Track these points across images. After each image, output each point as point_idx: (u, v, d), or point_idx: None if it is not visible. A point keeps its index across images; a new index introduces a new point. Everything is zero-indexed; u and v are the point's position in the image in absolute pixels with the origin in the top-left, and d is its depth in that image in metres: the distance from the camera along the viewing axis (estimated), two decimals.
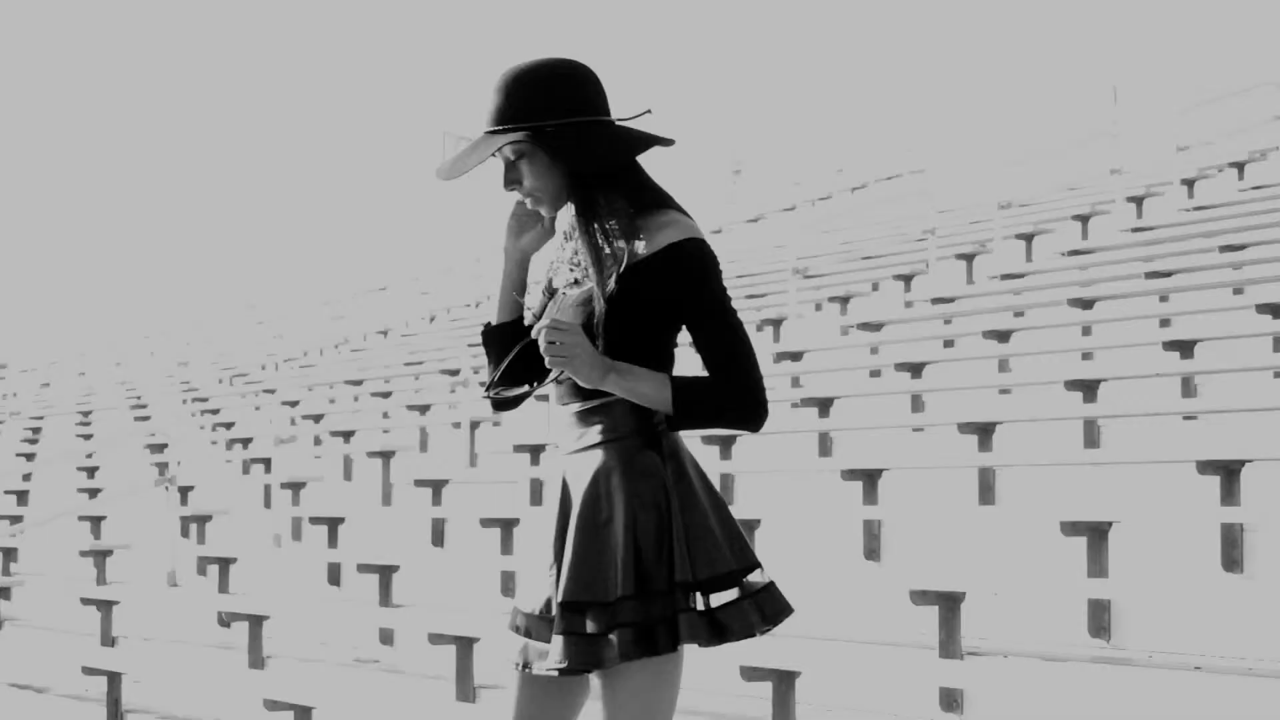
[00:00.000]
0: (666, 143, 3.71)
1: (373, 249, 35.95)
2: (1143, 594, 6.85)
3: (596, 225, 3.66)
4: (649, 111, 3.72)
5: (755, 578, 3.71)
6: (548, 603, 3.71)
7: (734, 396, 3.60)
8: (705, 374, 3.63)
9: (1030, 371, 10.87)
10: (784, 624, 3.94)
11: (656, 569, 3.60)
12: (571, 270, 3.72)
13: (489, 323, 3.85)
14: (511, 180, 3.69)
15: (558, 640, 3.58)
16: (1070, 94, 26.18)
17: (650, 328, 3.64)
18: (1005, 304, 13.19)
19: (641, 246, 3.62)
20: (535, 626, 3.73)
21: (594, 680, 3.65)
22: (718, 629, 3.63)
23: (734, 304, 3.68)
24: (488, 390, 3.78)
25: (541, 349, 3.56)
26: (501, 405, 3.82)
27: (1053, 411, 9.31)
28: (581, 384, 3.61)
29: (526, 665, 3.74)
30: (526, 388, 3.76)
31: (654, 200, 3.68)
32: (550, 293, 3.79)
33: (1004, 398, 10.73)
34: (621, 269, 3.63)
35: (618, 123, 3.71)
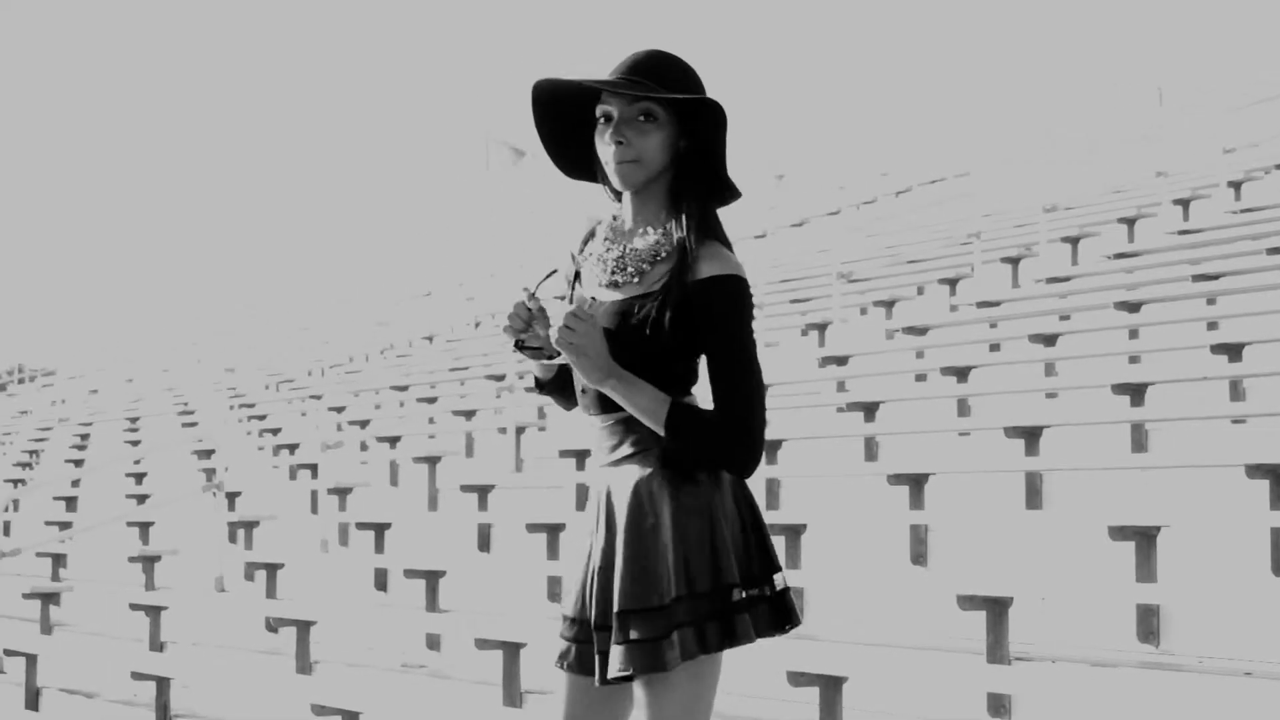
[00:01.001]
0: (734, 195, 3.76)
1: (417, 255, 36.05)
2: (1192, 599, 6.82)
3: (688, 233, 3.68)
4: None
5: (778, 581, 3.74)
6: (585, 608, 3.76)
7: (730, 434, 3.60)
8: (710, 408, 3.64)
9: (1077, 375, 10.82)
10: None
11: (701, 571, 3.64)
12: (613, 273, 3.75)
13: (537, 379, 3.92)
14: (622, 138, 3.65)
15: (617, 649, 3.60)
16: (1115, 96, 26.08)
17: (673, 347, 3.64)
18: (1051, 307, 13.14)
19: (690, 270, 3.64)
20: (577, 631, 3.78)
21: (636, 683, 3.67)
22: (757, 628, 3.68)
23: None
24: (515, 347, 3.73)
25: (552, 332, 3.58)
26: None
27: (1100, 415, 9.27)
28: (585, 381, 3.64)
29: (569, 665, 3.79)
30: (548, 356, 3.75)
31: (713, 231, 3.71)
32: (575, 284, 3.83)
33: (1050, 401, 10.69)
34: (667, 285, 3.66)
35: None
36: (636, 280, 3.70)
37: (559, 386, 3.90)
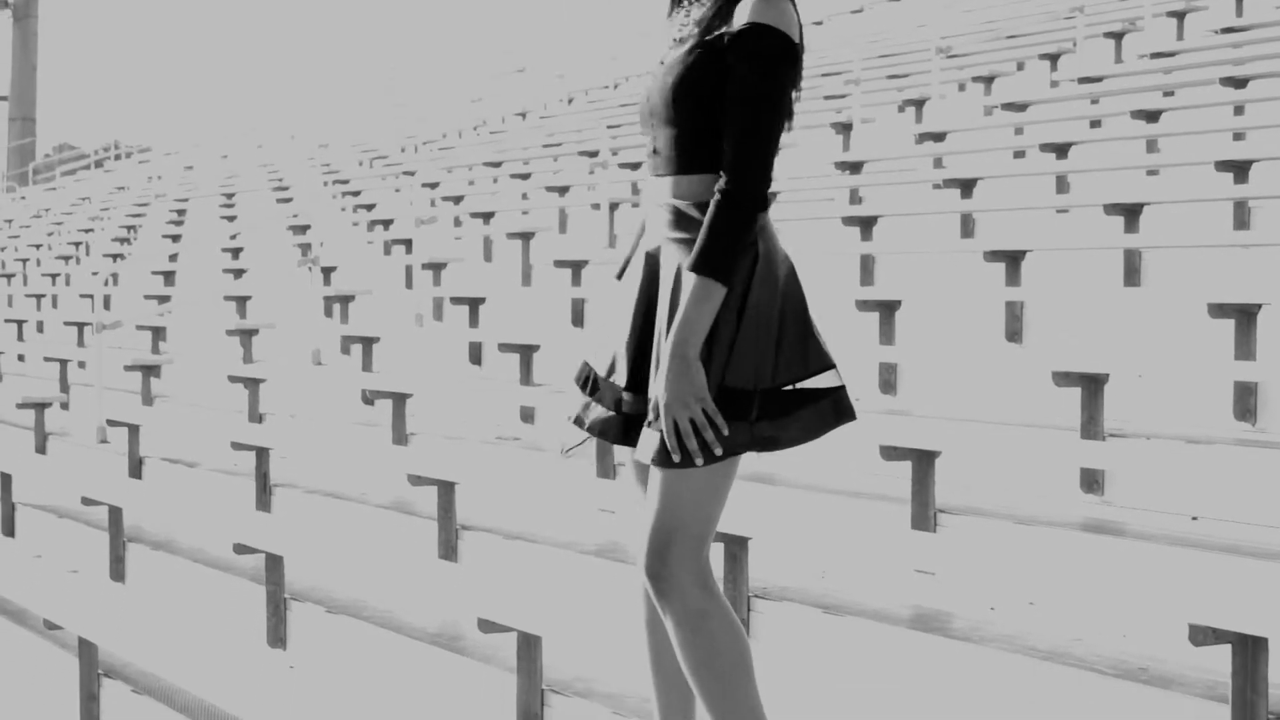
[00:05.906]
0: None
1: (510, 31, 35.78)
2: None
3: None
4: None
5: (832, 379, 3.66)
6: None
7: (728, 217, 3.52)
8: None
9: (1180, 152, 10.64)
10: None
11: (744, 368, 3.60)
12: (680, 29, 3.74)
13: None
14: None
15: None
16: None
17: (708, 97, 3.60)
18: (1155, 83, 12.88)
19: (734, 22, 3.59)
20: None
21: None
22: (798, 432, 3.65)
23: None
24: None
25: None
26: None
27: (1202, 192, 9.12)
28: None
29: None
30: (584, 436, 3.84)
31: None
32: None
33: (1152, 179, 10.53)
34: (708, 38, 3.62)
35: None
36: (694, 35, 3.68)
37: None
